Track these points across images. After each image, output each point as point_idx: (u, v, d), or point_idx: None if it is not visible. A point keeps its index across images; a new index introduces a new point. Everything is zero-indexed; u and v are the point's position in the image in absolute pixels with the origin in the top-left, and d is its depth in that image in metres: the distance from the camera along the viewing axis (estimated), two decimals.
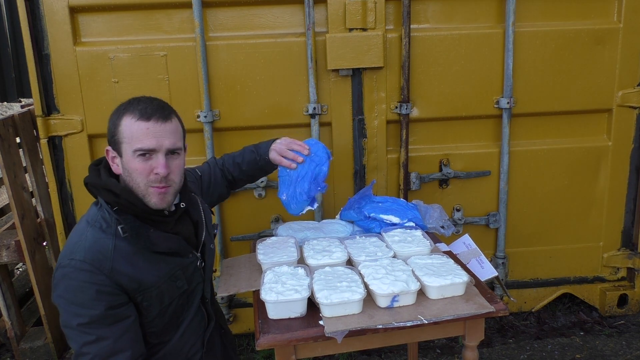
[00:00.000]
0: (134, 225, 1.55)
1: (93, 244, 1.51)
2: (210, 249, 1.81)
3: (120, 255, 1.52)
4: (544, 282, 3.15)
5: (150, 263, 1.58)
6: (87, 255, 1.49)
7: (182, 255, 1.67)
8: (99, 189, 1.57)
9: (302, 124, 2.76)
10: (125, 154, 1.53)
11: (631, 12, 2.78)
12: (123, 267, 1.52)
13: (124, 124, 1.53)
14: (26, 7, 2.52)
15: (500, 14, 2.75)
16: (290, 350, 1.52)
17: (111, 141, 1.58)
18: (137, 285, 1.55)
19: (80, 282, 1.47)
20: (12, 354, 3.02)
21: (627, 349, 2.92)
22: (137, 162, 1.52)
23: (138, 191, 1.55)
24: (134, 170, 1.53)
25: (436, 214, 2.18)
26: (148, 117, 1.52)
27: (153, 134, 1.52)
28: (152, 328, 1.63)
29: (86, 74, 2.63)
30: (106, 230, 1.54)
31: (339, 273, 1.70)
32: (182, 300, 1.69)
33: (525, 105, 2.83)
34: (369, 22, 2.64)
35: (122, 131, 1.53)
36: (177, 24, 2.65)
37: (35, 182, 2.96)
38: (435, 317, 1.53)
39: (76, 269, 1.48)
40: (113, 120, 1.57)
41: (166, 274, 1.62)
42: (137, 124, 1.51)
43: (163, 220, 1.62)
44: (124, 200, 1.53)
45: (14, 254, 2.83)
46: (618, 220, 3.07)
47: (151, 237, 1.57)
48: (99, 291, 1.47)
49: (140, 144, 1.51)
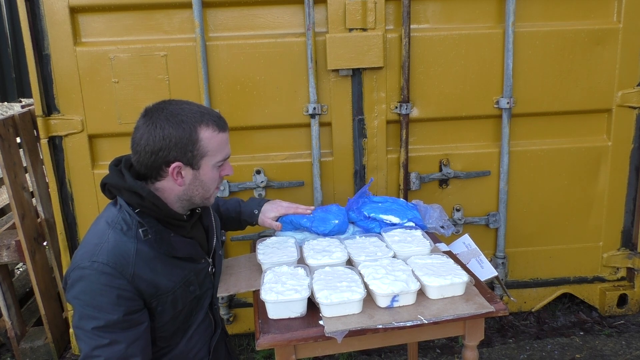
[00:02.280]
0: (158, 229, 1.54)
1: (115, 246, 1.49)
2: (220, 255, 1.82)
3: (142, 260, 1.51)
4: (543, 282, 3.15)
5: (168, 268, 1.57)
6: (110, 258, 1.46)
7: (196, 260, 1.68)
8: (121, 190, 1.54)
9: (302, 124, 2.76)
10: (205, 166, 1.56)
11: (631, 12, 2.78)
12: (144, 272, 1.51)
13: (205, 138, 1.52)
14: (26, 7, 2.52)
15: (500, 14, 2.75)
16: (290, 350, 1.53)
17: (186, 157, 1.52)
18: (154, 290, 1.54)
19: (101, 286, 1.45)
20: (12, 354, 3.03)
21: (626, 349, 2.92)
22: (216, 171, 1.59)
23: (204, 197, 1.62)
24: (211, 180, 1.59)
25: (436, 214, 2.18)
26: (223, 128, 1.58)
27: (227, 142, 1.61)
28: (163, 333, 1.62)
29: (86, 74, 2.63)
30: (127, 232, 1.51)
31: (339, 273, 1.70)
32: (193, 305, 1.69)
33: (525, 105, 2.83)
34: (369, 22, 2.64)
35: (203, 145, 1.53)
36: (177, 24, 2.66)
37: (36, 182, 2.96)
38: (435, 317, 1.53)
39: (98, 271, 1.45)
40: (184, 135, 1.50)
41: (182, 279, 1.62)
42: (219, 137, 1.56)
43: (182, 225, 1.63)
44: (149, 203, 1.52)
45: (14, 254, 2.83)
46: (618, 220, 3.07)
47: (172, 242, 1.56)
48: (119, 296, 1.45)
49: (223, 154, 1.59)
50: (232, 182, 2.78)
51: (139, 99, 2.64)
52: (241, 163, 2.78)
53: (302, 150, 2.83)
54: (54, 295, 3.08)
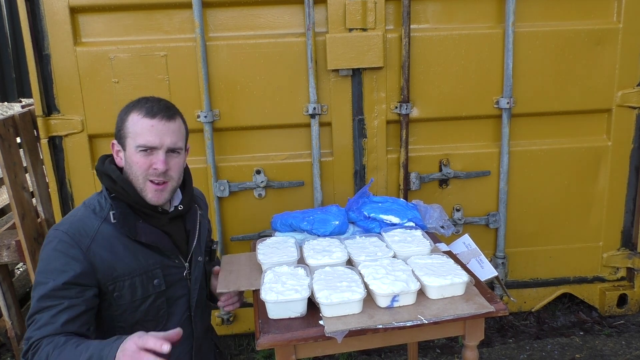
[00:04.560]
0: (125, 211, 1.61)
1: (79, 220, 1.59)
2: (198, 262, 1.80)
3: (102, 238, 1.58)
4: (543, 282, 3.15)
5: (129, 252, 1.61)
6: (70, 228, 1.56)
7: (166, 255, 1.68)
8: (101, 174, 1.65)
9: (302, 124, 2.76)
10: (129, 148, 1.60)
11: (631, 12, 2.78)
12: (101, 250, 1.56)
13: (130, 120, 1.60)
14: (26, 7, 2.52)
15: (500, 14, 2.75)
16: (290, 350, 1.53)
17: (117, 135, 1.65)
18: (111, 271, 1.57)
19: (56, 252, 1.53)
20: (13, 354, 3.03)
21: (626, 349, 2.92)
22: (139, 156, 1.59)
23: (137, 184, 1.61)
24: (134, 164, 1.59)
25: (436, 214, 2.19)
26: (153, 115, 1.59)
27: (156, 131, 1.59)
28: (121, 322, 1.63)
29: (86, 74, 2.63)
30: (98, 213, 1.61)
31: (339, 273, 1.70)
32: (159, 304, 1.68)
33: (525, 105, 2.83)
34: (369, 22, 2.64)
35: (127, 126, 1.60)
36: (177, 24, 2.66)
37: (36, 182, 2.96)
38: (435, 317, 1.53)
39: (56, 238, 1.55)
40: (121, 116, 1.64)
41: (143, 267, 1.63)
42: (143, 121, 1.58)
43: (154, 216, 1.67)
44: (119, 187, 1.61)
45: (14, 253, 2.83)
46: (618, 220, 3.07)
47: (137, 226, 1.62)
48: (68, 263, 1.51)
49: (143, 140, 1.58)
50: (232, 182, 2.78)
51: None
52: (241, 163, 2.78)
53: (302, 150, 2.83)
54: None
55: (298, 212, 2.23)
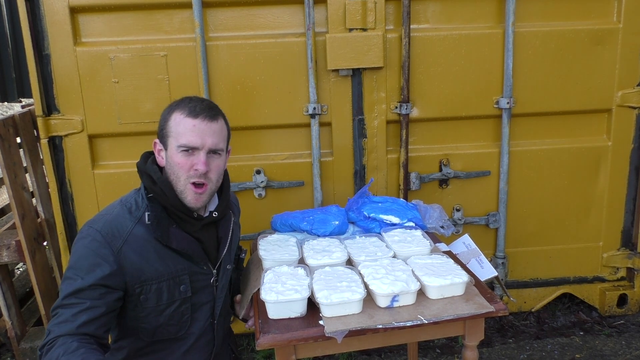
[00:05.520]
0: (160, 215, 1.59)
1: (114, 219, 1.57)
2: (227, 270, 1.78)
3: (134, 240, 1.56)
4: (543, 282, 3.15)
5: (159, 256, 1.60)
6: (104, 227, 1.55)
7: (195, 261, 1.67)
8: (142, 173, 1.65)
9: (302, 124, 2.76)
10: (170, 147, 1.59)
11: (631, 12, 2.78)
12: (132, 252, 1.55)
13: (173, 120, 1.59)
14: (26, 7, 2.52)
15: (500, 14, 2.75)
16: (290, 350, 1.53)
17: (160, 134, 1.64)
18: (139, 273, 1.56)
19: (88, 250, 1.52)
20: (13, 354, 3.03)
21: (626, 349, 2.93)
22: (180, 156, 1.58)
23: (178, 185, 1.59)
24: (176, 164, 1.58)
25: (436, 214, 2.19)
26: (196, 115, 1.57)
27: (198, 131, 1.57)
28: (144, 324, 1.63)
29: (86, 74, 2.63)
30: (133, 212, 1.60)
31: (339, 273, 1.70)
32: (184, 310, 1.67)
33: (525, 106, 2.83)
34: (369, 22, 2.64)
35: (170, 126, 1.59)
36: (177, 24, 2.66)
37: (36, 182, 2.96)
38: (435, 317, 1.53)
39: (90, 237, 1.54)
40: (164, 115, 1.63)
41: (171, 272, 1.62)
42: (185, 121, 1.57)
43: (189, 221, 1.65)
44: (158, 189, 1.59)
45: (14, 254, 2.83)
46: (618, 220, 3.07)
47: (170, 231, 1.60)
48: (98, 264, 1.50)
49: (185, 140, 1.57)
50: (232, 182, 2.77)
51: (139, 99, 2.64)
52: (241, 163, 2.78)
53: (302, 150, 2.83)
54: (54, 295, 3.07)
55: (298, 212, 2.23)
